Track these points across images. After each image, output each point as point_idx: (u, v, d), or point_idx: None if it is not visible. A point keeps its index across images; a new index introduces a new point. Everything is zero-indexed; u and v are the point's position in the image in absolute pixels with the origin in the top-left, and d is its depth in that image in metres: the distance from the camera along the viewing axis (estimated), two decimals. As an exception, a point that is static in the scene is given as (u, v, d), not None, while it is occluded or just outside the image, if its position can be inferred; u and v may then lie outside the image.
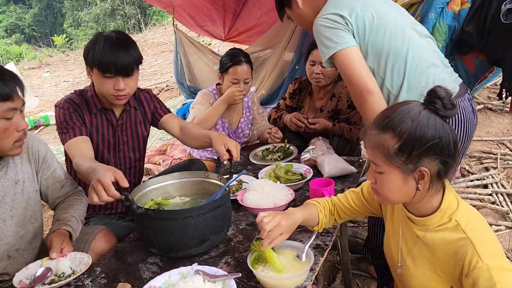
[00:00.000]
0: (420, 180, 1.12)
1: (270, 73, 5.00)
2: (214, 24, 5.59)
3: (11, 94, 1.35)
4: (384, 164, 1.15)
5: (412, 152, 1.10)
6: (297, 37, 4.61)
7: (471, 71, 2.31)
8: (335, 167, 2.04)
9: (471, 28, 2.20)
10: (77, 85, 8.44)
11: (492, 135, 4.00)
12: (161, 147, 4.36)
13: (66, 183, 1.73)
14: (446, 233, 1.14)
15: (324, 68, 2.58)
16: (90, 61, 1.78)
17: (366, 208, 1.48)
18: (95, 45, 1.76)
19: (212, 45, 8.77)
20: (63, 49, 15.11)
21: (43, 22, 23.93)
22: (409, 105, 1.16)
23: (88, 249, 1.61)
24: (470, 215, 1.16)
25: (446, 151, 1.10)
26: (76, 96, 1.90)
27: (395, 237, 1.34)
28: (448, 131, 1.11)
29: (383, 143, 1.13)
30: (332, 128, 2.62)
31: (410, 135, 1.09)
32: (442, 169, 1.12)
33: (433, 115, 1.11)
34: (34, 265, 1.43)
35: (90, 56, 1.77)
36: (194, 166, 2.24)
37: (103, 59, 1.73)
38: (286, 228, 1.32)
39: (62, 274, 1.40)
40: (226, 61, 2.60)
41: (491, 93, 4.69)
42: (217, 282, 1.24)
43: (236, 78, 2.55)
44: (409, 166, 1.11)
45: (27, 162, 1.58)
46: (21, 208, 1.54)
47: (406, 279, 1.29)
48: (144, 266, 1.46)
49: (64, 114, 1.84)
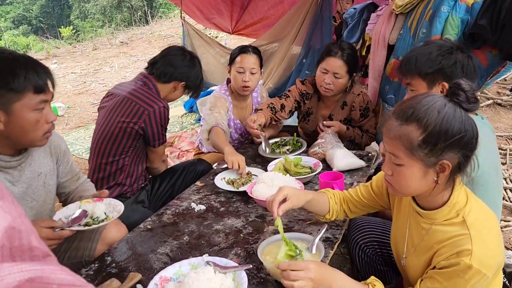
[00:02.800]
0: (441, 173, 1.10)
1: (277, 67, 4.97)
2: (222, 17, 5.58)
3: (44, 87, 1.36)
4: (405, 156, 1.11)
5: (436, 145, 1.07)
6: (304, 31, 4.58)
7: (484, 66, 2.27)
8: (345, 160, 2.04)
9: (484, 22, 2.17)
10: (84, 77, 8.46)
11: (501, 130, 3.96)
12: (168, 139, 4.37)
13: (79, 174, 1.77)
14: (451, 227, 1.13)
15: (336, 79, 2.44)
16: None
17: (375, 202, 1.49)
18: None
19: (219, 38, 8.75)
20: (69, 40, 15.12)
21: (50, 13, 23.97)
22: (433, 96, 1.13)
23: (99, 238, 1.62)
24: (479, 213, 1.14)
25: (469, 145, 1.08)
26: None
27: (401, 230, 1.33)
28: (472, 125, 1.09)
29: (407, 134, 1.10)
30: (346, 132, 2.54)
31: (436, 127, 1.06)
32: (462, 163, 1.10)
33: (458, 108, 1.08)
34: (73, 206, 1.54)
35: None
36: (201, 166, 2.34)
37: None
38: (290, 193, 1.37)
39: (96, 218, 1.50)
40: (234, 52, 2.60)
41: (500, 88, 4.64)
42: (228, 273, 1.24)
43: (241, 67, 2.51)
44: (431, 159, 1.09)
45: (49, 156, 1.60)
46: (41, 200, 1.56)
47: (408, 270, 1.30)
48: (155, 256, 1.47)
49: None
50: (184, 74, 2.21)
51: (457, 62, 1.58)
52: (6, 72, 1.29)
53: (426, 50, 1.63)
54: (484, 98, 4.43)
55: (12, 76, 1.28)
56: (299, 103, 2.68)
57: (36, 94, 1.34)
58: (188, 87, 2.28)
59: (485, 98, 4.43)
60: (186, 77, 2.23)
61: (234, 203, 1.85)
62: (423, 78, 1.62)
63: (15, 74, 1.29)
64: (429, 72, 1.60)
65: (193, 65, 2.26)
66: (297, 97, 2.66)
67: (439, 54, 1.60)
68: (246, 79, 2.50)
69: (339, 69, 2.42)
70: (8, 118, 1.31)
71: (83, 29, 18.80)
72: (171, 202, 1.91)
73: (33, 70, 1.32)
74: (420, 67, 1.62)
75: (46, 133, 1.42)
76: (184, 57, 2.23)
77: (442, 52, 1.60)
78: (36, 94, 1.34)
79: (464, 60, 1.58)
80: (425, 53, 1.62)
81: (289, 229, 1.57)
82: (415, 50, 1.68)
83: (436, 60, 1.59)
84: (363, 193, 1.50)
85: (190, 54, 2.29)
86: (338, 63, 2.42)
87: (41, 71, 1.36)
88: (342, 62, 2.41)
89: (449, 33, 2.32)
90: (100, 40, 13.14)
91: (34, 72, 1.33)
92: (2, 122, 1.31)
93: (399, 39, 2.71)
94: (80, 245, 1.63)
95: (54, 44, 13.73)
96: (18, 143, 1.40)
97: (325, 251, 1.31)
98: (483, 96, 4.45)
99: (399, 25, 2.76)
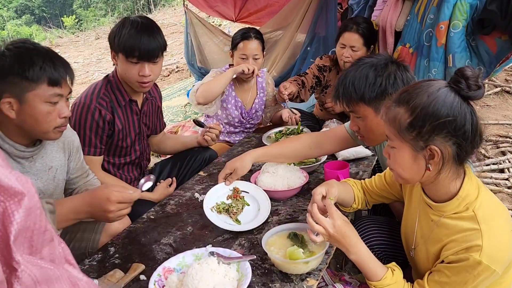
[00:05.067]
0: (431, 160, 1.09)
1: (282, 55, 4.92)
2: (225, 4, 5.51)
3: (59, 80, 1.35)
4: (396, 138, 1.13)
5: (423, 127, 1.06)
6: (309, 18, 4.50)
7: (493, 52, 2.22)
8: (349, 149, 2.01)
9: (494, 7, 2.11)
10: (87, 66, 8.45)
11: (509, 118, 3.90)
12: (172, 129, 4.36)
13: (88, 171, 1.76)
14: (460, 222, 1.11)
15: (354, 52, 2.58)
16: (116, 46, 1.79)
17: (388, 191, 1.48)
18: (121, 30, 1.77)
19: (223, 26, 8.66)
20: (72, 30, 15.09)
21: (52, 3, 23.86)
22: (432, 81, 1.12)
23: (102, 230, 1.61)
24: (490, 207, 1.12)
25: (460, 132, 1.05)
26: (105, 91, 1.89)
27: (411, 221, 1.32)
28: (465, 112, 1.06)
29: (397, 116, 1.11)
30: None
31: (423, 110, 1.06)
32: (458, 153, 1.07)
33: (452, 94, 1.06)
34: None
35: (116, 40, 1.78)
36: (207, 153, 2.30)
37: (128, 43, 1.75)
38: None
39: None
40: (236, 37, 2.58)
41: (508, 75, 4.56)
42: (231, 264, 1.23)
43: (244, 54, 2.50)
44: (419, 143, 1.09)
45: (62, 151, 1.60)
46: (48, 194, 1.55)
47: (417, 261, 1.29)
48: (158, 247, 1.46)
49: (92, 123, 1.82)
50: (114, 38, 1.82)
51: (397, 78, 1.45)
52: (24, 61, 1.30)
53: (362, 73, 1.48)
54: (492, 85, 4.36)
55: (28, 65, 1.29)
56: (318, 78, 2.81)
57: (50, 87, 1.33)
58: (117, 50, 1.82)
59: (493, 85, 4.36)
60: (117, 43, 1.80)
61: (238, 193, 1.83)
62: (367, 104, 1.47)
63: (32, 63, 1.30)
64: (372, 97, 1.46)
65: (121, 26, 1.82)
66: (316, 72, 2.81)
67: (376, 75, 1.46)
68: (250, 66, 2.49)
69: (355, 42, 2.57)
70: (20, 107, 1.31)
71: (85, 18, 18.72)
72: (175, 192, 1.89)
73: (50, 62, 1.33)
74: (361, 93, 1.47)
75: (58, 127, 1.41)
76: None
77: (379, 72, 1.46)
78: (51, 87, 1.33)
79: (402, 74, 1.46)
80: (362, 77, 1.47)
81: (293, 219, 1.55)
82: (348, 75, 1.51)
83: (376, 83, 1.45)
84: (377, 183, 1.50)
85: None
86: (354, 36, 2.56)
87: (59, 64, 1.36)
88: (358, 36, 2.56)
89: (458, 18, 2.27)
90: (103, 29, 13.09)
91: (51, 64, 1.33)
92: (15, 111, 1.32)
93: (406, 25, 2.66)
94: (84, 236, 1.62)
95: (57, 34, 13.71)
96: (30, 133, 1.40)
97: (330, 241, 1.29)
98: (491, 84, 4.38)
99: (406, 11, 2.70)
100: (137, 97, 2.00)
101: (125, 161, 2.03)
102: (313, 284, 1.20)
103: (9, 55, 1.30)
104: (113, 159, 2.00)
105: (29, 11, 23.15)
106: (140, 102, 2.03)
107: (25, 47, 1.33)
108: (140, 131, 2.06)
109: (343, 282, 1.48)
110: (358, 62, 1.54)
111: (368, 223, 1.61)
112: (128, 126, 1.97)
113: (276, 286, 1.21)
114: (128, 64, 1.79)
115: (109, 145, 1.96)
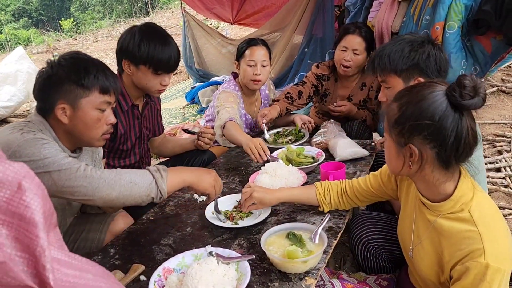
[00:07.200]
0: (410, 158, 1.13)
1: (279, 56, 4.94)
2: (222, 6, 5.53)
3: (109, 89, 1.46)
4: (386, 131, 1.20)
5: (404, 126, 1.11)
6: (306, 20, 4.53)
7: (488, 52, 2.24)
8: (348, 150, 2.03)
9: (488, 7, 2.13)
10: (85, 70, 8.43)
11: (505, 118, 3.92)
12: (170, 131, 4.36)
13: None
14: (456, 223, 1.12)
15: (355, 56, 2.50)
16: (139, 58, 1.83)
17: (383, 191, 1.49)
18: (142, 41, 1.82)
19: (220, 28, 8.69)
20: (70, 33, 15.08)
21: (50, 6, 23.83)
22: (435, 84, 1.12)
23: (107, 230, 1.64)
24: (485, 208, 1.13)
25: (439, 138, 1.06)
26: None
27: (408, 221, 1.33)
28: (450, 120, 1.05)
29: (389, 112, 1.17)
30: (356, 113, 2.61)
31: (408, 109, 1.11)
32: (440, 157, 1.09)
33: (445, 100, 1.07)
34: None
35: (139, 52, 1.82)
36: (205, 155, 2.30)
37: (157, 57, 1.83)
38: (257, 200, 1.52)
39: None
40: (241, 46, 2.48)
41: (504, 75, 4.59)
42: (231, 263, 1.24)
43: (253, 60, 2.39)
44: (401, 140, 1.14)
45: (90, 159, 1.66)
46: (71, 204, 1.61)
47: (416, 262, 1.30)
48: (158, 248, 1.48)
49: None
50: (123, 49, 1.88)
51: (430, 56, 1.59)
52: (80, 70, 1.41)
53: (398, 47, 1.63)
54: (489, 85, 4.39)
55: (84, 73, 1.40)
56: (316, 87, 2.74)
57: (101, 94, 1.44)
58: (138, 62, 1.87)
59: (489, 85, 4.39)
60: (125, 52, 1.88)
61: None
62: (398, 75, 1.63)
63: (88, 71, 1.41)
64: (404, 69, 1.60)
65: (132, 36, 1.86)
66: (314, 81, 2.73)
67: (411, 49, 1.60)
68: (258, 72, 2.40)
69: (358, 45, 2.49)
70: (73, 113, 1.41)
71: (83, 21, 18.71)
72: (174, 194, 1.91)
73: (102, 72, 1.45)
74: (395, 64, 1.61)
75: (104, 134, 1.50)
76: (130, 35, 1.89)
77: (415, 47, 1.60)
78: (102, 94, 1.44)
79: (436, 53, 1.59)
80: (398, 50, 1.62)
81: (292, 219, 1.56)
82: (386, 47, 1.67)
83: (409, 56, 1.60)
84: (372, 183, 1.51)
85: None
86: (357, 39, 2.50)
87: (110, 74, 1.48)
88: (361, 39, 2.50)
89: (453, 19, 2.29)
90: (101, 32, 13.09)
91: (103, 74, 1.45)
92: (68, 117, 1.41)
93: (402, 26, 2.68)
94: (89, 236, 1.65)
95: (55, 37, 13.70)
96: (78, 139, 1.48)
97: (328, 240, 1.31)
98: (488, 83, 4.40)
99: (402, 13, 2.73)
100: (139, 102, 2.05)
101: (125, 163, 2.06)
102: (311, 283, 1.21)
103: (65, 65, 1.41)
104: (113, 162, 2.03)
105: (27, 15, 23.11)
106: (141, 106, 2.07)
107: (80, 58, 1.46)
108: (141, 135, 2.09)
109: (340, 279, 1.49)
110: (398, 38, 1.69)
111: (365, 219, 1.63)
112: (129, 130, 2.01)
113: (275, 285, 1.22)
114: (152, 75, 1.89)
115: (110, 148, 1.99)
